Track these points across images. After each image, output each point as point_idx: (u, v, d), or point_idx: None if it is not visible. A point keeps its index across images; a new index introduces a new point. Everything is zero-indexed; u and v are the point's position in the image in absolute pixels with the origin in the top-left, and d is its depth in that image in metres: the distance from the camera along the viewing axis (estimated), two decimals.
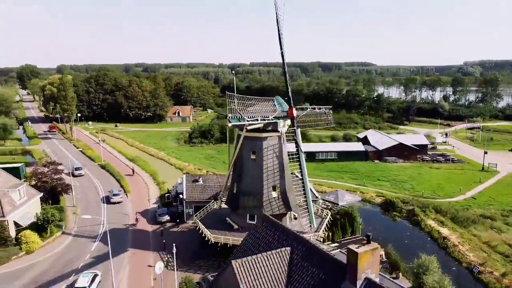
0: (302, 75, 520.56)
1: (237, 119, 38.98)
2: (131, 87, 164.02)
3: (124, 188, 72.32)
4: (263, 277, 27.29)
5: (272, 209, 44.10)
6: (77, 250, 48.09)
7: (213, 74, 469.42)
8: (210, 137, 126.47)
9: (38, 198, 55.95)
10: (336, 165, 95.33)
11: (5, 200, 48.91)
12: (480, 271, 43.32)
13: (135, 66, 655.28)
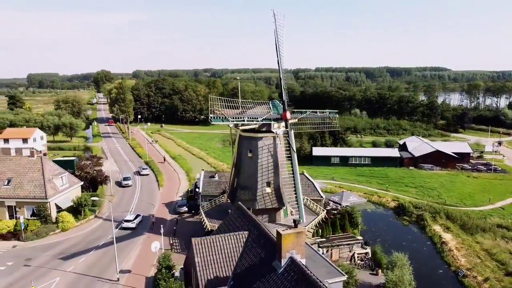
0: (367, 80, 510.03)
1: (220, 119, 43.72)
2: (187, 91, 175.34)
3: (159, 182, 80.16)
4: (217, 253, 31.96)
5: (265, 203, 48.04)
6: (102, 231, 55.78)
7: (275, 79, 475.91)
8: None
9: (79, 186, 65.08)
10: (368, 170, 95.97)
11: (49, 186, 58.10)
12: (465, 275, 43.76)
13: (203, 71, 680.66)
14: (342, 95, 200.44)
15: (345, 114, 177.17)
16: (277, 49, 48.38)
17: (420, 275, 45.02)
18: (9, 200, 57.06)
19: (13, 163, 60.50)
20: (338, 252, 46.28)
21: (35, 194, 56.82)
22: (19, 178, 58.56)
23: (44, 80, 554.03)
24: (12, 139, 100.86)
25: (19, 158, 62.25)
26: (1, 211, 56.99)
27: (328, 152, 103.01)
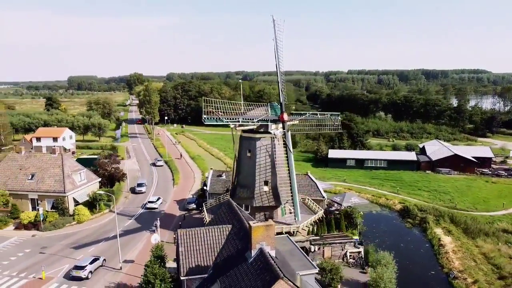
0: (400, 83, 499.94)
1: (214, 120, 46.11)
2: (212, 94, 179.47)
3: (174, 181, 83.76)
4: (200, 244, 34.50)
5: (263, 201, 49.98)
6: (114, 224, 59.05)
7: (305, 82, 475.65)
8: None
9: (97, 182, 69.43)
10: (384, 173, 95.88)
11: (68, 181, 62.53)
12: (456, 276, 44.00)
13: (235, 74, 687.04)
14: (368, 98, 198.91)
15: (369, 117, 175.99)
16: (275, 53, 50.42)
17: (412, 275, 45.91)
18: (32, 193, 61.91)
19: (37, 160, 65.48)
20: (331, 250, 47.55)
21: (55, 188, 61.35)
22: (42, 173, 63.37)
23: (82, 83, 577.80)
24: (43, 138, 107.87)
25: (43, 155, 67.30)
26: (25, 203, 61.89)
27: (343, 155, 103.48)
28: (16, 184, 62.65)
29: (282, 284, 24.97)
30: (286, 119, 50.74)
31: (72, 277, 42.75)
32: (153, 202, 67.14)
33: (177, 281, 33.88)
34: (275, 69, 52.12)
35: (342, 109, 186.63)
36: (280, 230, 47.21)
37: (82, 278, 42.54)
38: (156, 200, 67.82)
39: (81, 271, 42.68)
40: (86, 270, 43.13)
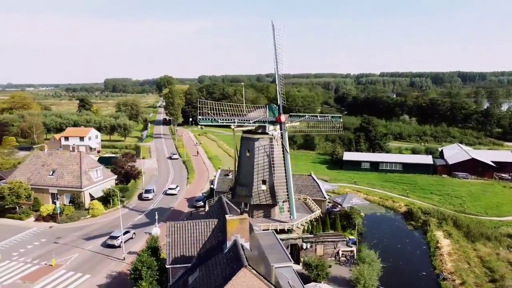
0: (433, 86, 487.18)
1: (209, 120, 48.49)
2: (235, 96, 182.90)
3: (188, 180, 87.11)
4: (187, 236, 37.04)
5: (260, 199, 51.89)
6: (125, 219, 62.94)
7: (334, 84, 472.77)
8: (292, 144, 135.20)
9: (113, 179, 73.55)
10: (398, 176, 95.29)
11: (84, 177, 66.80)
12: (445, 278, 44.35)
13: (266, 76, 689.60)
14: (393, 101, 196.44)
15: (392, 120, 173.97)
16: (275, 57, 52.39)
17: (403, 275, 46.63)
18: (52, 188, 66.57)
19: (58, 157, 70.25)
20: (323, 248, 48.86)
21: (73, 184, 65.76)
22: (61, 169, 67.99)
23: (117, 85, 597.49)
24: (71, 137, 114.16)
25: (63, 152, 72.09)
26: (46, 197, 66.61)
27: (358, 157, 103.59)
28: (39, 179, 67.51)
29: (245, 271, 26.98)
30: (283, 121, 52.52)
31: (107, 245, 51.93)
32: (173, 189, 77.93)
33: (164, 270, 36.43)
34: (304, 71, 53.91)
35: (366, 112, 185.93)
36: (274, 228, 49.12)
37: (115, 246, 51.50)
38: (175, 187, 78.40)
39: (115, 241, 51.69)
40: (119, 240, 51.54)
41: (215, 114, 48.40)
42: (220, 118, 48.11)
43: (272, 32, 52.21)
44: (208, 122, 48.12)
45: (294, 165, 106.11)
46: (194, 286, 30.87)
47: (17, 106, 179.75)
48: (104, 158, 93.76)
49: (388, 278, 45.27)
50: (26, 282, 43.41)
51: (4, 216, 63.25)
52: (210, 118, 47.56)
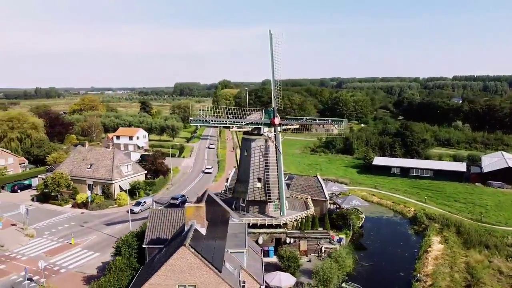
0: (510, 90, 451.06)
1: (200, 121, 53.43)
2: (282, 100, 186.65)
3: (215, 178, 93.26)
4: (165, 221, 42.64)
5: (255, 196, 55.88)
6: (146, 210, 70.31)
7: (397, 88, 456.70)
8: (332, 148, 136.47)
9: (143, 174, 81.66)
10: (428, 183, 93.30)
11: (116, 171, 75.36)
12: (419, 279, 45.21)
13: (330, 80, 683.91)
14: (448, 106, 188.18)
15: (443, 125, 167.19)
16: (272, 64, 56.23)
17: (380, 274, 48.19)
18: (89, 180, 76.00)
19: (96, 153, 79.80)
20: (306, 244, 51.66)
21: (105, 177, 74.57)
22: (97, 163, 77.24)
23: (184, 89, 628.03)
24: (122, 136, 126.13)
25: (100, 148, 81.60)
26: (83, 187, 76.15)
27: (388, 162, 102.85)
28: (79, 172, 77.31)
29: (185, 250, 31.67)
30: (277, 123, 56.15)
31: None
32: (209, 168, 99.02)
33: (143, 249, 42.07)
34: (371, 75, 57.55)
35: (420, 117, 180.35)
36: (263, 222, 52.97)
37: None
38: (211, 167, 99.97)
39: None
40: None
41: (211, 115, 53.48)
42: (212, 119, 53.04)
43: (270, 41, 56.03)
44: (199, 123, 53.22)
45: (325, 168, 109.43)
46: (155, 263, 36.06)
47: (86, 107, 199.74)
48: (145, 156, 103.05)
49: (363, 275, 47.32)
50: (47, 256, 51.63)
51: (48, 201, 73.57)
52: (202, 119, 52.59)
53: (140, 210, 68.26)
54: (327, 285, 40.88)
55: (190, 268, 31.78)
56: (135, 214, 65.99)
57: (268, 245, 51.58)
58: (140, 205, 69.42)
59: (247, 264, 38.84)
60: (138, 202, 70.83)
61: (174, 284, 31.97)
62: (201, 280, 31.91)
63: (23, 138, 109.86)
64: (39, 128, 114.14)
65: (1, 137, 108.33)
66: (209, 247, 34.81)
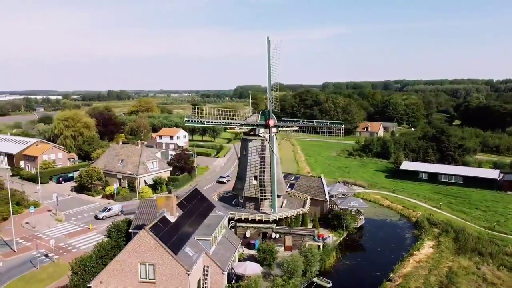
0: None
1: (195, 122, 57.73)
2: (326, 103, 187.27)
3: None
4: (151, 210, 47.73)
5: (250, 192, 59.48)
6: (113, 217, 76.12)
7: (463, 91, 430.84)
8: (368, 151, 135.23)
9: (168, 170, 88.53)
10: (455, 189, 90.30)
11: (141, 167, 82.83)
12: (391, 279, 46.14)
13: (394, 82, 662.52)
14: (506, 110, 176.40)
15: (496, 131, 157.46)
16: (268, 69, 59.49)
17: (356, 273, 49.69)
18: (119, 174, 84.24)
19: (127, 150, 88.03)
20: (291, 240, 54.22)
21: (132, 171, 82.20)
22: (127, 159, 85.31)
23: (243, 91, 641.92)
24: (164, 136, 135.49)
25: (131, 146, 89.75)
26: (114, 181, 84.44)
27: (416, 167, 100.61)
28: (111, 166, 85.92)
29: (144, 233, 36.52)
30: (271, 125, 59.31)
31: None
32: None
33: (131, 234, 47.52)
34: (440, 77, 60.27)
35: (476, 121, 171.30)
36: (253, 218, 56.45)
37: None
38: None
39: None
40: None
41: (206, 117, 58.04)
42: (206, 120, 57.56)
43: (267, 47, 59.37)
44: (194, 124, 57.92)
45: (354, 171, 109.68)
46: None
47: (142, 109, 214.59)
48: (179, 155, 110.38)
49: (339, 273, 49.26)
50: (66, 237, 59.43)
51: (83, 192, 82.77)
52: (196, 120, 57.28)
53: (104, 216, 67.30)
54: (291, 276, 43.55)
55: (149, 249, 36.49)
56: (100, 220, 66.49)
57: (255, 239, 54.93)
58: (105, 211, 68.45)
59: (214, 251, 42.84)
60: (105, 208, 69.83)
61: (136, 262, 36.89)
62: (158, 260, 36.52)
63: (77, 136, 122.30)
64: (90, 127, 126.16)
65: (58, 135, 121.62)
66: (173, 233, 39.34)
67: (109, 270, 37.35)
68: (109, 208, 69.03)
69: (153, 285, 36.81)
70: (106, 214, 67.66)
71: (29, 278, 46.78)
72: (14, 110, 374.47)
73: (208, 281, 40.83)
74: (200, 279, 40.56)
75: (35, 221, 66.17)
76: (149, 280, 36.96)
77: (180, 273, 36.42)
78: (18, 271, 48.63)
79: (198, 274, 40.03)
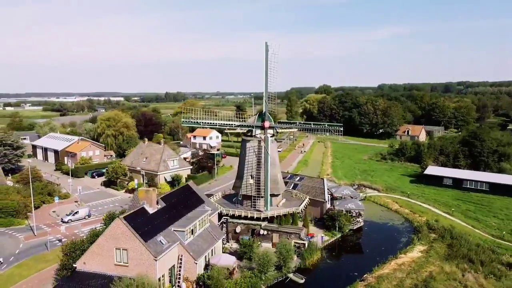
0: None
1: (192, 122, 61.17)
2: (366, 105, 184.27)
3: None
4: None
5: (247, 190, 62.23)
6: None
7: None
8: (401, 155, 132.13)
9: (188, 169, 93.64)
10: (480, 196, 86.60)
11: (162, 164, 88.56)
12: (363, 279, 46.88)
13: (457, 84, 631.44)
14: None
15: None
16: (265, 73, 61.84)
17: (333, 270, 50.98)
18: (142, 170, 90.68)
19: (151, 148, 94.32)
20: (278, 237, 56.19)
21: (153, 169, 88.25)
22: (150, 157, 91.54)
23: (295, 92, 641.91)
24: (197, 136, 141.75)
25: (155, 145, 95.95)
26: (139, 177, 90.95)
27: (441, 172, 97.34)
28: (136, 163, 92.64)
29: (118, 221, 40.86)
30: (266, 126, 61.70)
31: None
32: None
33: None
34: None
35: None
36: (246, 214, 59.23)
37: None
38: None
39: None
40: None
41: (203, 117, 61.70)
42: (202, 121, 61.21)
43: (265, 52, 61.80)
44: (190, 124, 61.72)
45: (378, 175, 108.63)
46: None
47: (186, 111, 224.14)
48: (208, 154, 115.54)
49: (318, 270, 50.77)
50: (82, 226, 65.97)
51: (110, 186, 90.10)
52: (192, 121, 61.06)
53: (69, 220, 67.45)
54: (263, 270, 45.93)
55: (122, 236, 40.78)
56: (66, 224, 66.84)
57: (245, 235, 57.64)
58: (71, 215, 68.35)
59: (191, 242, 46.30)
60: (71, 212, 69.70)
61: (112, 247, 41.33)
62: (130, 246, 40.68)
63: (117, 135, 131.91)
64: (130, 127, 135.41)
65: (101, 134, 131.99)
66: (148, 222, 43.38)
67: (90, 253, 42.18)
68: (75, 212, 69.18)
69: (126, 268, 40.96)
70: (72, 218, 67.94)
71: (38, 258, 53.18)
72: (78, 110, 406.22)
73: (182, 268, 44.43)
74: (175, 266, 44.31)
75: (61, 210, 73.71)
76: (123, 263, 41.20)
77: (148, 259, 40.31)
78: (32, 252, 55.36)
79: (172, 262, 43.79)
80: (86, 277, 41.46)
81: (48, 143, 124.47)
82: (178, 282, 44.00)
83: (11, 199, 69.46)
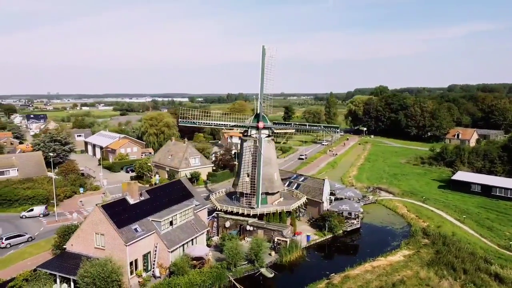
0: None
1: (189, 122, 64.57)
2: (413, 107, 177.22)
3: None
4: None
5: (243, 188, 65.11)
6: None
7: None
8: (441, 160, 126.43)
9: (210, 166, 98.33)
10: (508, 204, 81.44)
11: (184, 162, 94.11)
12: (329, 278, 47.73)
13: None
14: None
15: None
16: (262, 75, 64.14)
17: (309, 269, 52.07)
18: (167, 167, 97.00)
19: (176, 147, 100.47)
20: (263, 233, 58.21)
21: (176, 165, 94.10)
22: (175, 155, 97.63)
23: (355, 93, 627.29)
24: (234, 136, 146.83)
25: (180, 143, 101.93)
26: (164, 173, 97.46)
27: (468, 178, 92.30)
28: (163, 161, 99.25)
29: (96, 209, 46.00)
30: (260, 127, 64.00)
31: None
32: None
33: None
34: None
35: None
36: (237, 210, 62.11)
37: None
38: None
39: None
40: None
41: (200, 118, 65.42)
42: (199, 121, 64.93)
43: (262, 56, 64.16)
44: (188, 124, 65.58)
45: (406, 179, 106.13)
46: None
47: (235, 111, 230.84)
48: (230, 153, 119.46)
49: (293, 267, 52.39)
50: None
51: (138, 180, 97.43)
52: (189, 121, 64.94)
53: (24, 216, 70.71)
54: (231, 262, 48.70)
55: (100, 222, 45.84)
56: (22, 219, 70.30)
57: (234, 230, 60.50)
58: (27, 212, 71.30)
59: (167, 232, 50.18)
60: (30, 209, 72.16)
61: (92, 231, 46.55)
62: (106, 231, 45.61)
63: (159, 133, 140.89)
64: (170, 126, 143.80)
65: (144, 132, 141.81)
66: (125, 212, 48.08)
67: (76, 236, 47.84)
68: (30, 209, 72.15)
69: (104, 251, 45.88)
70: (26, 214, 71.09)
71: (50, 241, 60.34)
72: (143, 110, 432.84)
73: (156, 255, 48.60)
74: (150, 252, 48.59)
75: (87, 200, 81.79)
76: (101, 247, 46.20)
77: (120, 244, 44.90)
78: (49, 234, 62.71)
79: (147, 248, 48.09)
80: (72, 257, 47.03)
81: (97, 140, 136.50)
82: (152, 267, 48.24)
83: (44, 188, 78.64)
